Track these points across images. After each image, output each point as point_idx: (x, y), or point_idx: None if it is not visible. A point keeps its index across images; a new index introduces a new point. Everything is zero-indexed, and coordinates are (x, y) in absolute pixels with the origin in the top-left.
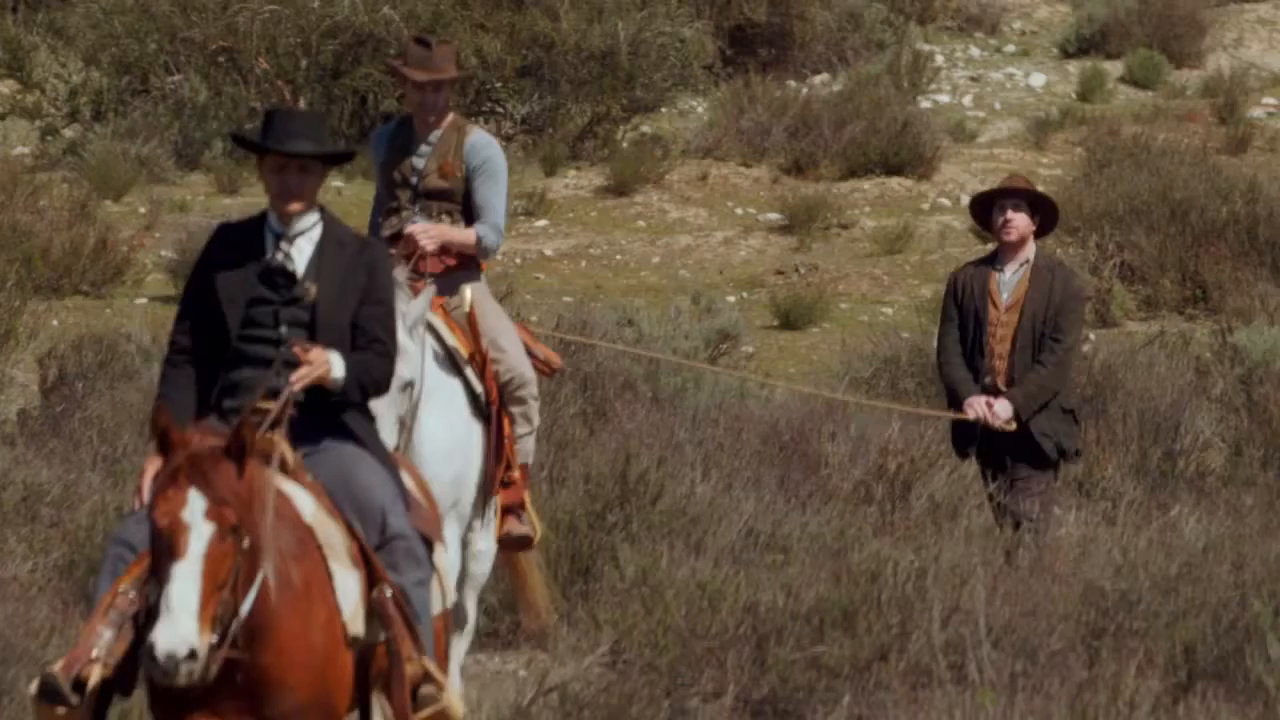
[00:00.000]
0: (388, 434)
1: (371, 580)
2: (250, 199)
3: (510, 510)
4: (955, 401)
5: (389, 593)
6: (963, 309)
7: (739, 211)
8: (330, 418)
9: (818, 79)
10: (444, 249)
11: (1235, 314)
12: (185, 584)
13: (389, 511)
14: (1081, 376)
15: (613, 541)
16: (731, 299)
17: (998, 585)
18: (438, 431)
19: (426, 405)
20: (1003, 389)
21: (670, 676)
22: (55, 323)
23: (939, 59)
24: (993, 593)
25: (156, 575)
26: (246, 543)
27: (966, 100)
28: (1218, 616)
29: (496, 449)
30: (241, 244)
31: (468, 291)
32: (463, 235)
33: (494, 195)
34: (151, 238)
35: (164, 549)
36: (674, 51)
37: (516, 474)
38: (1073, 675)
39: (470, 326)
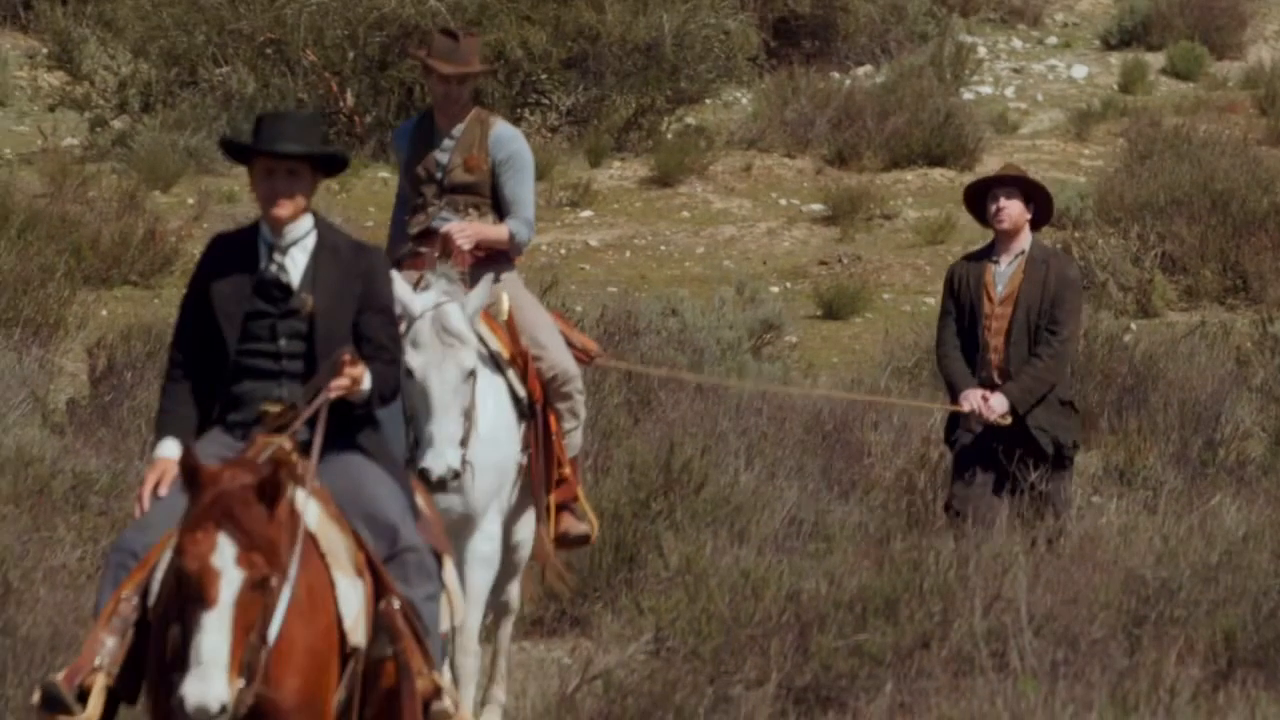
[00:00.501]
0: (453, 426)
1: (379, 592)
2: None
3: (564, 507)
4: (954, 395)
5: (397, 605)
6: (959, 302)
7: (783, 202)
8: (339, 426)
9: (861, 71)
10: (476, 244)
11: (1276, 304)
12: (216, 636)
13: (400, 523)
14: (1123, 366)
15: (657, 530)
16: (775, 289)
17: (1039, 574)
18: (486, 420)
19: (479, 397)
20: (999, 382)
21: (713, 664)
22: (104, 313)
23: (981, 51)
24: (1034, 581)
25: (184, 620)
26: (274, 582)
27: (1009, 92)
28: (1258, 604)
29: (545, 447)
30: (235, 256)
31: (505, 299)
32: (495, 231)
33: (522, 189)
34: (200, 228)
35: (193, 595)
36: (718, 43)
37: (568, 470)
38: (1114, 663)
39: (509, 329)
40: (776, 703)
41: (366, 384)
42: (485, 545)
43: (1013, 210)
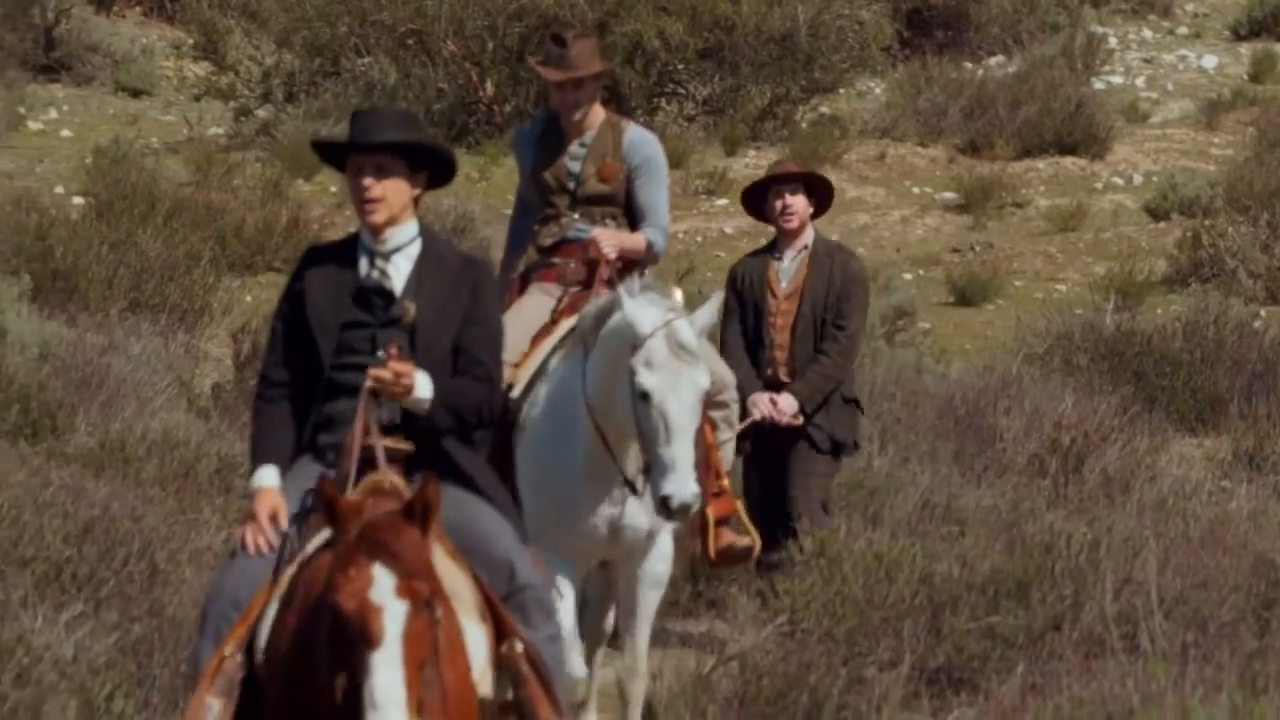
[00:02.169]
0: (690, 450)
1: (500, 635)
2: None
3: (724, 522)
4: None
5: (520, 648)
6: (743, 301)
7: (916, 191)
8: (444, 459)
9: (993, 61)
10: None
11: None
12: (388, 675)
13: (515, 559)
14: (1253, 352)
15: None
16: (908, 276)
17: (1169, 557)
18: None
19: None
20: (785, 380)
21: (847, 646)
22: (248, 299)
23: (1112, 41)
24: (1164, 564)
25: (349, 666)
26: (439, 613)
27: (1139, 81)
28: None
29: (703, 458)
30: (333, 265)
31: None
32: (633, 241)
33: (657, 196)
34: (342, 216)
35: (355, 636)
36: (852, 34)
37: (725, 482)
38: (1243, 645)
39: None
40: (909, 684)
41: (424, 391)
42: (661, 565)
43: (799, 206)
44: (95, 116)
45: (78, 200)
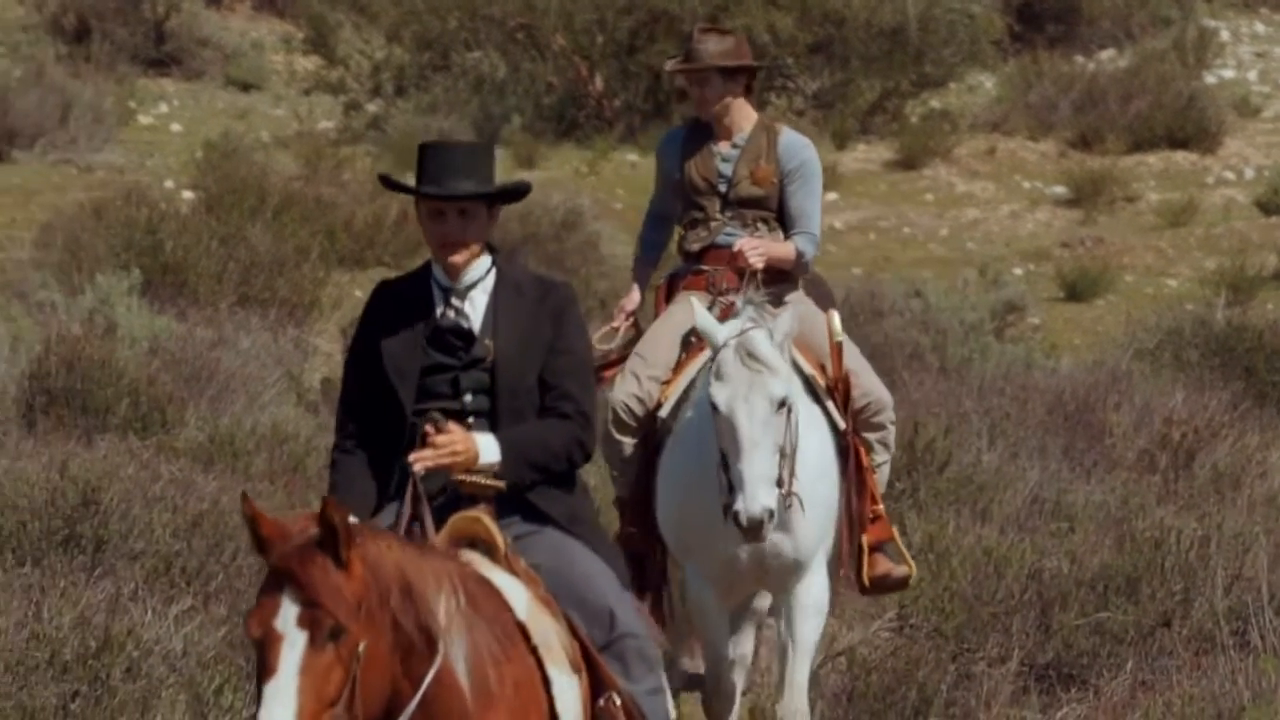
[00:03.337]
0: (765, 464)
1: (596, 686)
2: (547, 173)
3: (879, 549)
4: None
5: (619, 701)
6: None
7: (1026, 185)
8: (539, 498)
9: (1104, 54)
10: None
11: None
12: (277, 709)
13: (616, 606)
14: None
15: (900, 509)
16: (1018, 271)
17: None
18: (815, 453)
19: (805, 426)
20: None
21: (956, 641)
22: (357, 293)
23: (1224, 35)
24: (1275, 560)
25: (256, 696)
26: (363, 647)
27: (1252, 75)
28: None
29: (858, 482)
30: (405, 305)
31: (835, 319)
32: (783, 249)
33: (810, 202)
34: None
35: (258, 666)
36: (963, 28)
37: (881, 507)
38: None
39: (833, 353)
40: (1018, 680)
41: (489, 456)
42: (816, 592)
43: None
44: (205, 111)
45: (187, 195)
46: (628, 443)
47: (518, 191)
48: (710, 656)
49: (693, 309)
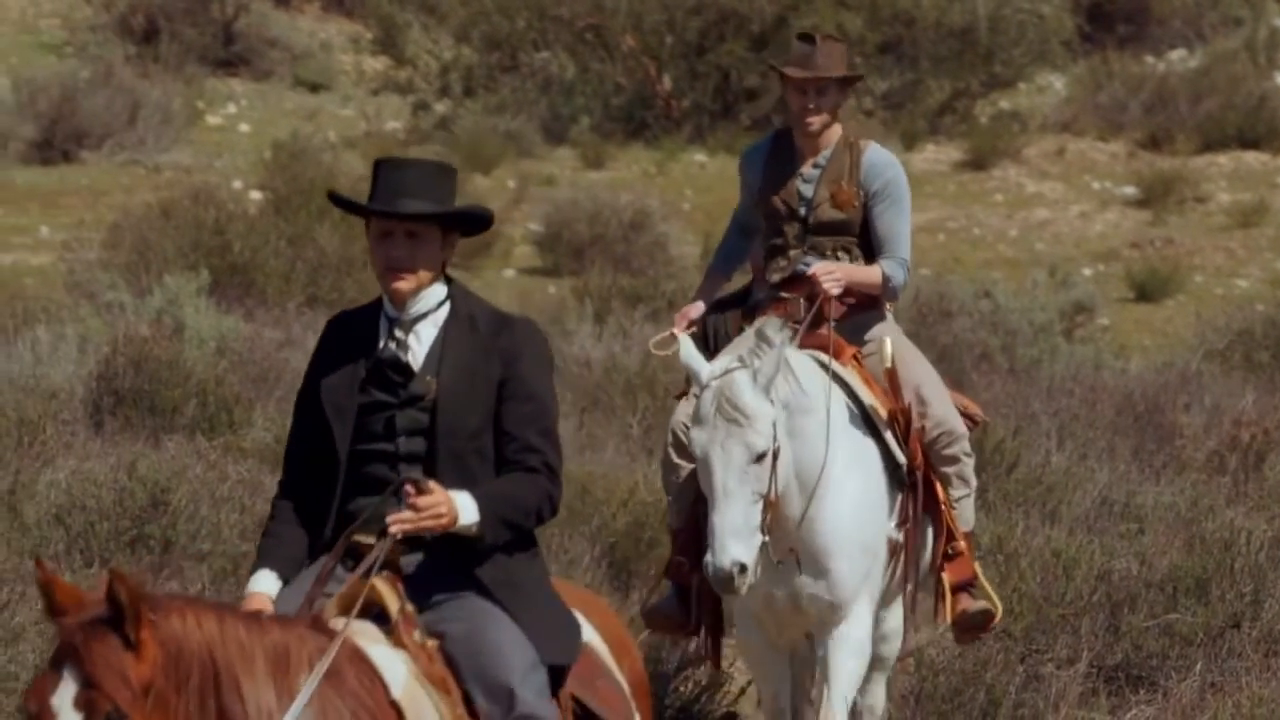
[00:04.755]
0: (738, 515)
1: None
2: (615, 174)
3: (961, 588)
4: None
5: None
6: None
7: (1095, 185)
8: (457, 552)
9: (1175, 55)
10: (845, 290)
11: None
12: None
13: (520, 685)
14: None
15: None
16: (1087, 272)
17: None
18: (854, 494)
19: (843, 466)
20: None
21: (1025, 642)
22: None
23: None
24: None
25: None
26: None
27: None
28: None
29: (933, 518)
30: (352, 338)
31: (888, 344)
32: (867, 275)
33: (898, 224)
34: (520, 211)
35: None
36: (1032, 28)
37: (962, 544)
38: None
39: (890, 382)
40: (1087, 681)
41: (468, 517)
42: (856, 630)
43: None
44: (273, 111)
45: (255, 195)
46: (685, 466)
47: (475, 218)
48: (764, 697)
49: (680, 344)
